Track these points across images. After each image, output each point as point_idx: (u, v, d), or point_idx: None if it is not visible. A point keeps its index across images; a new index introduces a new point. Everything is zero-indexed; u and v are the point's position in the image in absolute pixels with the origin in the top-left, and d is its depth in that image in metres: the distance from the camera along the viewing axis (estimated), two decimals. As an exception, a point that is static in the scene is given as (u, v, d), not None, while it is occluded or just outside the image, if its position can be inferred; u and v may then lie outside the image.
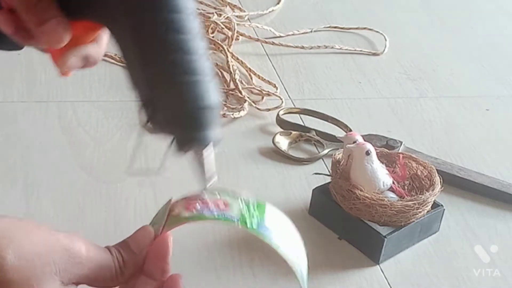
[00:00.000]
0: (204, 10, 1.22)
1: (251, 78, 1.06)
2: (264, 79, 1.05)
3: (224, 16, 1.16)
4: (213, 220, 0.46)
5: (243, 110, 0.96)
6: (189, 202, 0.47)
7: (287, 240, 0.47)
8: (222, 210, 0.46)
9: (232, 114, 0.95)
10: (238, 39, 1.15)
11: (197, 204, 0.47)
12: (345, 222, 0.76)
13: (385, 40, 1.20)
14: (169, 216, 0.48)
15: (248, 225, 0.45)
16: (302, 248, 0.48)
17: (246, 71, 1.07)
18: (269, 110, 0.98)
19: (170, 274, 0.48)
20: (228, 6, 1.26)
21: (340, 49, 1.18)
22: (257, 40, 1.17)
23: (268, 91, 1.02)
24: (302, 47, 1.16)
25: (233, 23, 1.13)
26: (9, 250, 0.42)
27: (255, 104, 0.98)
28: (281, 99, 1.00)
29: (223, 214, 0.46)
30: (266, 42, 1.16)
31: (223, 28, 1.14)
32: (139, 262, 0.47)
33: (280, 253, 0.45)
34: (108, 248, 0.47)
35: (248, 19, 1.25)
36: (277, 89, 1.03)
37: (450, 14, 1.38)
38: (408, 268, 0.74)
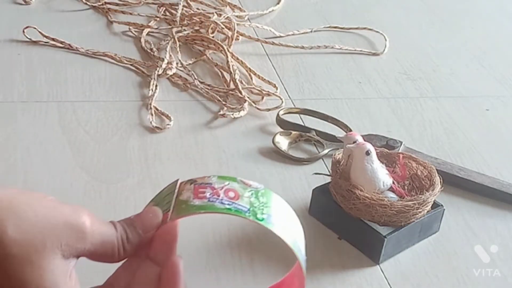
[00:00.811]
0: (204, 10, 1.22)
1: (251, 78, 1.06)
2: (264, 79, 1.05)
3: (224, 16, 1.16)
4: (224, 212, 0.46)
5: (243, 110, 0.96)
6: (198, 188, 0.47)
7: (290, 226, 0.48)
8: (233, 200, 0.46)
9: (232, 114, 0.95)
10: (238, 39, 1.15)
11: (207, 191, 0.46)
12: (345, 222, 0.76)
13: (385, 40, 1.20)
14: (177, 200, 0.47)
15: (258, 217, 0.46)
16: (301, 230, 0.50)
17: (246, 71, 1.07)
18: (269, 110, 0.98)
19: (171, 258, 0.47)
20: (228, 6, 1.26)
21: (340, 49, 1.18)
22: (257, 40, 1.17)
23: (268, 91, 1.02)
24: (302, 47, 1.16)
25: (233, 23, 1.13)
26: (10, 223, 0.41)
27: (255, 104, 0.98)
28: (281, 99, 1.00)
29: (234, 205, 0.46)
30: (266, 42, 1.16)
31: (223, 28, 1.14)
32: (143, 243, 0.47)
33: (286, 242, 0.47)
34: (113, 223, 0.46)
35: (248, 19, 1.25)
36: (277, 89, 1.03)
37: (450, 14, 1.38)
38: (408, 268, 0.74)
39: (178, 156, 0.88)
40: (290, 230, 0.48)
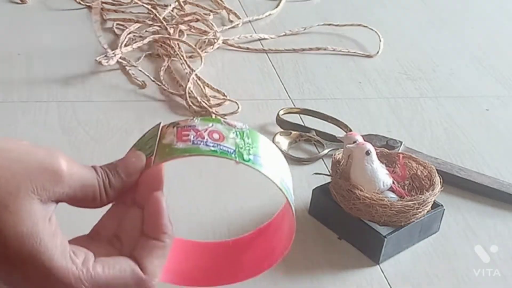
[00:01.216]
0: (203, 11, 1.22)
1: (204, 88, 1.01)
2: (214, 88, 1.01)
3: (211, 34, 1.15)
4: (209, 155, 0.44)
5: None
6: (182, 131, 0.45)
7: (277, 166, 0.48)
8: (217, 141, 0.45)
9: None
10: (227, 43, 1.14)
11: (190, 134, 0.45)
12: (345, 222, 0.76)
13: (385, 40, 1.20)
14: (160, 144, 0.45)
15: (245, 158, 0.45)
16: (288, 170, 0.49)
17: (197, 80, 1.01)
18: (225, 115, 0.95)
19: (152, 194, 0.45)
20: (224, 10, 1.26)
21: (340, 49, 1.18)
22: (257, 40, 1.17)
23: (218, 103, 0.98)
24: (302, 47, 1.16)
25: (214, 29, 1.13)
26: None
27: (212, 109, 0.96)
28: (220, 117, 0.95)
29: (219, 147, 0.45)
30: (265, 42, 1.16)
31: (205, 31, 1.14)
32: (126, 188, 0.46)
33: (274, 181, 0.46)
34: (94, 167, 0.45)
35: (249, 21, 1.25)
36: (226, 97, 0.99)
37: (450, 14, 1.38)
38: (408, 268, 0.74)
39: (178, 156, 0.88)
40: (277, 170, 0.47)
